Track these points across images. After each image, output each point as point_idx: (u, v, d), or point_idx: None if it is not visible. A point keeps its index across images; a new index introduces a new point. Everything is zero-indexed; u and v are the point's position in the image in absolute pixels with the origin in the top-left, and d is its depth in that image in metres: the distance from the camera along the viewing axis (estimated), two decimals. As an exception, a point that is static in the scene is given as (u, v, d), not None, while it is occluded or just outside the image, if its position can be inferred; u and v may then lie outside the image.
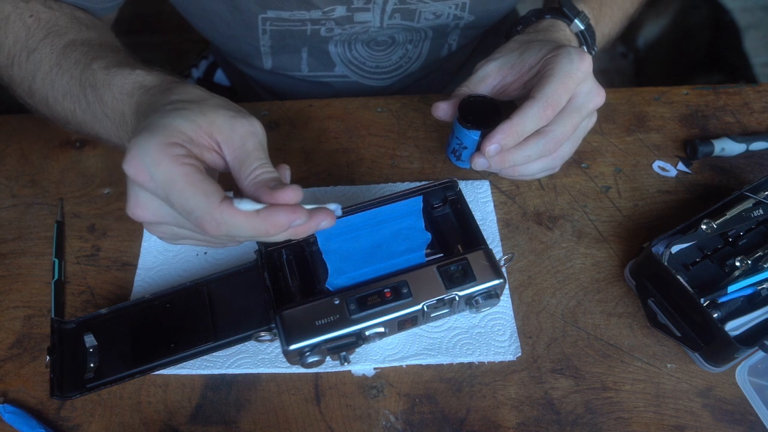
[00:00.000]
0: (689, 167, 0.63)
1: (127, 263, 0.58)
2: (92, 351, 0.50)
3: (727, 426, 0.48)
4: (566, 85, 0.49)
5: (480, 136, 0.51)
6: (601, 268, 0.57)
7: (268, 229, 0.40)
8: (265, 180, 0.41)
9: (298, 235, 0.42)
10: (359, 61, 0.72)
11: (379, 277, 0.48)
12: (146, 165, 0.39)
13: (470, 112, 0.53)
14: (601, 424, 0.48)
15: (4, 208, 0.62)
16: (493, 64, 0.55)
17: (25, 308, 0.55)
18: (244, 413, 0.50)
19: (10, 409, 0.49)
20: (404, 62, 0.74)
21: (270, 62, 0.73)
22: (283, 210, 0.39)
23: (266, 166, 0.42)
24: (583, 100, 0.50)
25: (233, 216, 0.39)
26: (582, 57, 0.50)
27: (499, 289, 0.48)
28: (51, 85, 0.52)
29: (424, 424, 0.49)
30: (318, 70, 0.74)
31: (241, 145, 0.42)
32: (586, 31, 0.59)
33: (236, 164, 0.42)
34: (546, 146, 0.50)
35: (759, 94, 0.69)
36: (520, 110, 0.49)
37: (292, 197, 0.40)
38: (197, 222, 0.39)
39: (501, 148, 0.49)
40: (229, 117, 0.42)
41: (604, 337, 0.53)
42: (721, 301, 0.51)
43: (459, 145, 0.53)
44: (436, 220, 0.53)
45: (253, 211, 0.39)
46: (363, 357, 0.51)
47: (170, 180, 0.39)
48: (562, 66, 0.49)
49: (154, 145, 0.39)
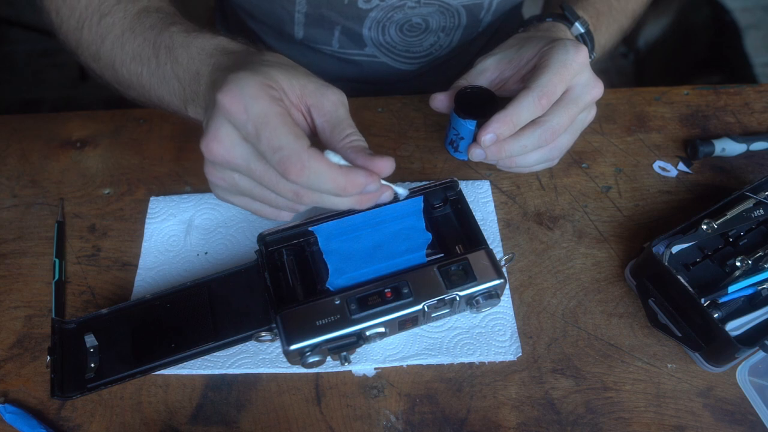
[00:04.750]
0: (690, 167, 0.63)
1: (127, 263, 0.58)
2: (93, 351, 0.50)
3: (728, 426, 0.48)
4: (561, 76, 0.49)
5: (476, 126, 0.52)
6: (601, 268, 0.57)
7: (346, 185, 0.42)
8: (361, 146, 0.43)
9: (362, 203, 0.45)
10: (390, 45, 0.72)
11: (379, 277, 0.48)
12: (244, 97, 0.39)
13: (467, 102, 0.53)
14: (602, 424, 0.48)
15: (4, 208, 0.62)
16: (492, 58, 0.55)
17: (25, 308, 0.55)
18: (245, 413, 0.50)
19: (11, 409, 0.49)
20: (434, 50, 0.74)
21: (302, 32, 0.73)
22: (364, 173, 0.42)
23: (358, 134, 0.44)
24: (580, 92, 0.50)
25: (320, 162, 0.40)
26: (578, 48, 0.50)
27: (499, 289, 0.48)
28: (121, 48, 0.53)
29: (425, 424, 0.49)
30: (348, 47, 0.74)
31: (333, 111, 0.44)
32: (586, 35, 0.60)
33: (327, 128, 0.44)
34: (542, 136, 0.50)
35: (759, 94, 0.69)
36: (515, 100, 0.49)
37: (388, 166, 0.43)
38: (282, 161, 0.40)
39: (497, 137, 0.49)
40: (320, 84, 0.44)
41: (605, 337, 0.53)
42: (722, 301, 0.51)
43: (456, 136, 0.54)
44: (436, 220, 0.54)
45: (338, 165, 0.42)
46: (363, 357, 0.51)
47: (266, 115, 0.39)
48: (558, 57, 0.50)
49: (255, 82, 0.40)
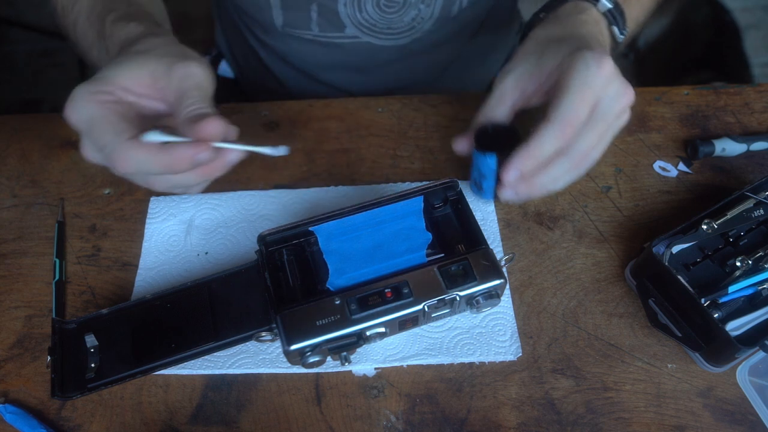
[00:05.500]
0: (690, 167, 0.63)
1: (127, 263, 0.58)
2: (93, 351, 0.50)
3: (728, 426, 0.48)
4: (584, 98, 0.46)
5: (497, 163, 0.50)
6: (601, 268, 0.57)
7: (172, 162, 0.43)
8: (197, 115, 0.43)
9: (210, 174, 0.45)
10: (370, 23, 0.71)
11: (379, 277, 0.48)
12: (76, 108, 0.44)
13: (487, 140, 0.51)
14: (602, 424, 0.48)
15: (4, 208, 0.62)
16: (510, 78, 0.52)
17: (25, 308, 0.55)
18: (245, 413, 0.50)
19: (11, 409, 0.49)
20: (416, 23, 0.72)
21: (281, 18, 0.72)
22: (187, 145, 0.42)
23: (197, 103, 0.44)
24: (608, 106, 0.47)
25: (137, 150, 0.42)
26: (600, 61, 0.46)
27: (499, 289, 0.48)
28: (84, 37, 0.56)
29: (425, 424, 0.49)
30: (328, 30, 0.73)
31: (178, 86, 0.44)
32: (614, 9, 0.54)
33: (176, 104, 0.44)
34: (572, 163, 0.48)
35: (760, 94, 0.69)
36: (537, 133, 0.46)
37: (210, 129, 0.42)
38: (109, 158, 0.43)
39: (521, 174, 0.47)
40: (167, 63, 0.45)
41: (605, 337, 0.53)
42: (722, 301, 0.51)
43: (478, 175, 0.52)
44: (436, 220, 0.54)
45: (157, 144, 0.42)
46: (364, 357, 0.51)
47: (91, 118, 0.43)
48: (579, 76, 0.46)
49: (85, 92, 0.44)
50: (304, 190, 0.62)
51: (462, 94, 0.71)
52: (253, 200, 0.61)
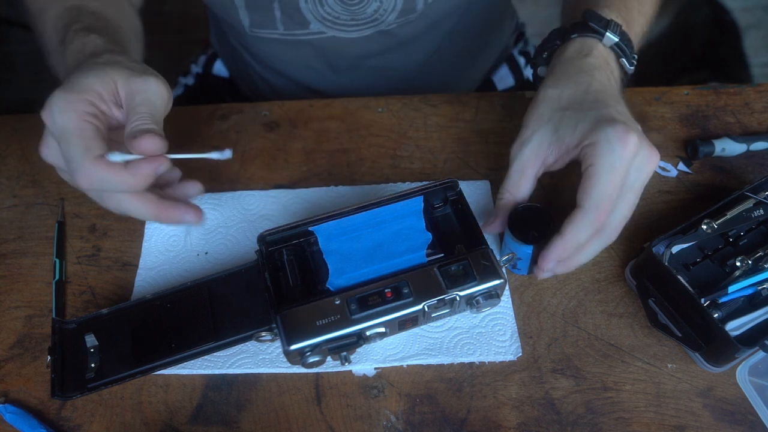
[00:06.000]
0: (690, 167, 0.63)
1: (127, 263, 0.58)
2: (93, 351, 0.50)
3: (728, 426, 0.48)
4: (613, 182, 0.46)
5: (533, 250, 0.51)
6: (601, 268, 0.57)
7: (136, 180, 0.44)
8: (136, 131, 0.44)
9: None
10: (333, 16, 0.70)
11: (379, 277, 0.48)
12: (53, 113, 0.44)
13: (520, 222, 0.52)
14: (602, 424, 0.48)
15: (5, 208, 0.62)
16: (528, 149, 0.51)
17: (26, 308, 0.55)
18: (245, 413, 0.50)
19: (11, 409, 0.49)
20: (379, 15, 0.71)
21: (247, 19, 0.72)
22: (146, 160, 0.44)
23: (143, 118, 0.45)
24: (635, 179, 0.47)
25: (100, 169, 0.43)
26: (624, 141, 0.46)
27: (499, 289, 0.49)
28: (49, 41, 0.56)
29: (425, 424, 0.49)
30: (293, 28, 0.72)
31: (130, 101, 0.46)
32: (620, 41, 0.53)
33: (125, 119, 0.46)
34: (606, 239, 0.48)
35: (760, 94, 0.69)
36: (572, 222, 0.47)
37: (146, 146, 0.43)
38: (73, 173, 0.44)
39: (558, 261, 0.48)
40: (128, 75, 0.46)
41: (605, 337, 0.53)
42: (722, 301, 0.51)
43: (513, 256, 0.52)
44: (436, 220, 0.54)
45: (122, 162, 0.44)
46: (364, 357, 0.51)
47: (65, 129, 0.44)
48: (605, 161, 0.46)
49: (65, 99, 0.45)
50: (304, 190, 0.62)
51: (462, 94, 0.71)
52: (253, 200, 0.62)
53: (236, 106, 0.70)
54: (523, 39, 0.95)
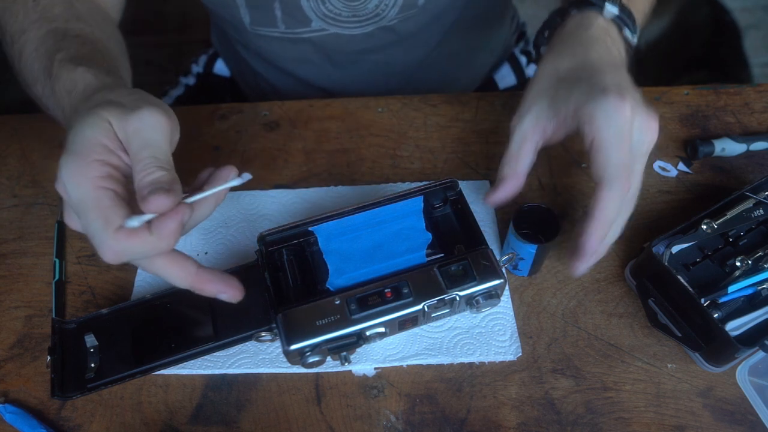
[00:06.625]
0: (690, 167, 0.63)
1: (127, 263, 0.58)
2: (93, 351, 0.50)
3: (728, 426, 0.48)
4: (623, 149, 0.45)
5: (536, 250, 0.51)
6: (601, 268, 0.57)
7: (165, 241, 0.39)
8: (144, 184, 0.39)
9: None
10: (334, 13, 0.70)
11: (379, 277, 0.48)
12: (65, 185, 0.40)
13: (524, 221, 0.52)
14: (602, 424, 0.48)
15: (5, 208, 0.62)
16: (527, 120, 0.51)
17: (25, 308, 0.55)
18: (245, 413, 0.50)
19: (11, 409, 0.49)
20: (381, 10, 0.71)
21: (248, 17, 0.72)
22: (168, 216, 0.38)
23: (147, 167, 0.40)
24: (639, 142, 0.46)
25: (122, 241, 0.38)
26: (619, 108, 0.45)
27: (499, 289, 0.48)
28: (30, 68, 0.54)
29: (425, 424, 0.49)
30: (294, 26, 0.72)
31: (129, 146, 0.41)
32: (621, 13, 0.53)
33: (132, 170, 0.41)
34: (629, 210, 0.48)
35: (759, 94, 0.69)
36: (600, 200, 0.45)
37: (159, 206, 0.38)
38: (97, 247, 0.39)
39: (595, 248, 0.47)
40: (120, 114, 0.41)
41: (605, 337, 0.53)
42: (722, 301, 0.51)
43: (515, 256, 0.52)
44: (436, 220, 0.54)
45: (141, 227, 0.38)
46: (363, 357, 0.51)
47: (81, 201, 0.40)
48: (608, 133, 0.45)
49: (74, 167, 0.40)
50: (304, 190, 0.62)
51: (462, 94, 0.71)
52: (253, 200, 0.62)
53: (236, 106, 0.70)
54: (525, 38, 0.95)
